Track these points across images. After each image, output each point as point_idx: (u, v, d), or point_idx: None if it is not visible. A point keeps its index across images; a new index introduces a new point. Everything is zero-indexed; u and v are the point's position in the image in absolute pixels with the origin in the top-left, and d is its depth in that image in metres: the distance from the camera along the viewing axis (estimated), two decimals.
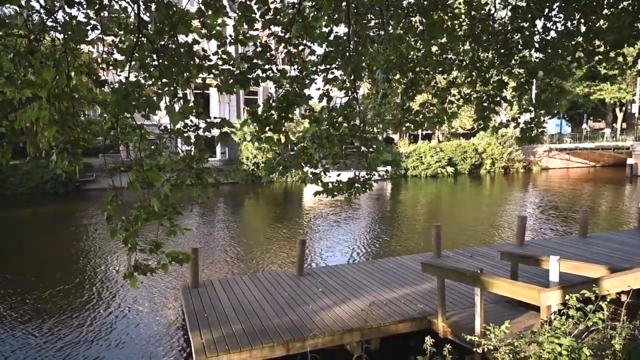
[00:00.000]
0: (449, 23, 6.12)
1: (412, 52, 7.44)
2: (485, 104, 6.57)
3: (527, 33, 6.48)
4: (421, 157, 40.28)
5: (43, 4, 4.88)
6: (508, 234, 16.02)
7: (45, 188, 30.25)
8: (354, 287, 8.53)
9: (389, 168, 36.69)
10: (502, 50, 6.63)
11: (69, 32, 5.02)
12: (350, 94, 6.43)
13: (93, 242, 16.39)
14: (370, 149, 6.57)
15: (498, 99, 6.69)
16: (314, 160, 6.34)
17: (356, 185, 6.33)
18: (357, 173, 6.36)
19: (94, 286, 11.04)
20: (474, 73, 6.87)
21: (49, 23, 4.99)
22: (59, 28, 5.05)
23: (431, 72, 7.24)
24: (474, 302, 6.26)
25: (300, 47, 6.15)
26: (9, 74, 4.80)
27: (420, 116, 7.08)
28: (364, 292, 8.24)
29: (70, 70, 5.41)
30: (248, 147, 34.78)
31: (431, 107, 7.29)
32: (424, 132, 45.42)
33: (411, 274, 9.27)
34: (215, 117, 4.29)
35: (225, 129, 4.31)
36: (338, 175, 6.26)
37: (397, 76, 7.61)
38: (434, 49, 6.74)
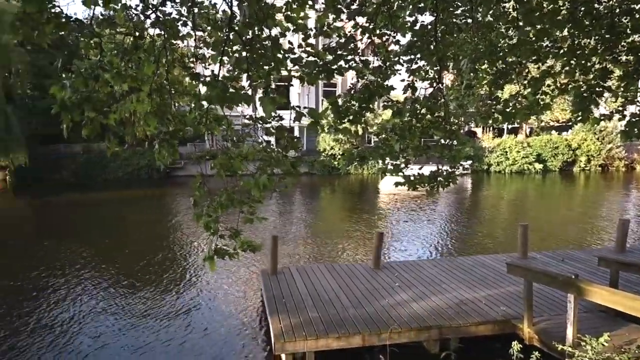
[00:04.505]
0: (548, 8, 5.67)
1: (502, 40, 7.03)
2: (585, 95, 6.02)
3: (638, 16, 5.84)
4: (506, 152, 38.12)
5: (141, 3, 5.21)
6: (605, 239, 14.68)
7: (140, 174, 32.96)
8: (432, 284, 8.32)
9: (469, 162, 35.19)
10: (608, 36, 6.02)
11: (168, 29, 5.35)
12: (435, 84, 6.23)
13: (180, 225, 17.57)
14: (455, 142, 6.32)
15: (600, 89, 6.10)
16: (395, 151, 6.24)
17: (439, 178, 6.15)
18: (439, 166, 6.18)
19: (179, 266, 11.83)
20: (572, 61, 6.32)
21: (148, 21, 5.33)
22: (159, 25, 5.36)
23: (524, 61, 6.79)
24: (564, 309, 5.83)
25: (385, 37, 6.06)
26: (117, 70, 5.20)
27: (510, 108, 6.68)
28: (443, 290, 8.01)
29: (169, 65, 5.78)
30: (325, 139, 35.16)
31: (521, 99, 6.86)
32: (510, 126, 42.86)
33: (493, 274, 8.85)
34: (305, 107, 4.37)
35: (313, 119, 4.36)
36: (420, 168, 6.11)
37: (485, 66, 7.24)
38: (528, 36, 6.30)
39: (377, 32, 6.03)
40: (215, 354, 7.03)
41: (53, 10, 4.38)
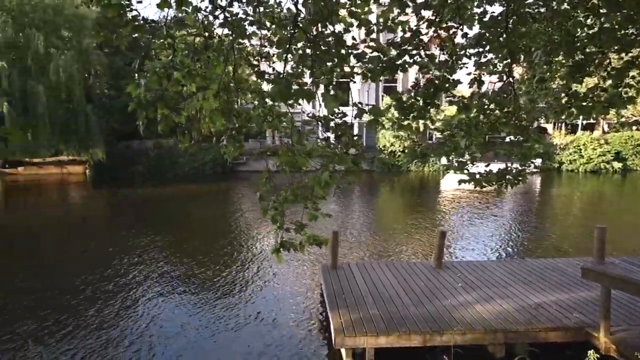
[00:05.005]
0: None
1: (580, 30, 6.57)
2: None
3: None
4: (580, 149, 35.66)
5: (210, 4, 5.40)
6: None
7: (205, 169, 34.39)
8: (497, 286, 8.00)
9: (539, 160, 33.35)
10: None
11: (235, 28, 5.51)
12: (505, 78, 5.96)
13: (243, 219, 18.14)
14: (526, 138, 6.02)
15: None
16: (460, 148, 6.05)
17: (507, 177, 5.88)
18: (508, 164, 5.91)
19: (243, 258, 12.20)
20: None
21: (216, 21, 5.53)
22: (227, 25, 5.54)
23: (605, 51, 6.30)
24: None
25: (451, 31, 5.88)
26: (188, 69, 5.43)
27: (588, 102, 6.24)
28: (509, 292, 7.67)
29: (236, 64, 5.97)
30: (385, 135, 34.77)
31: (600, 92, 6.38)
32: (585, 122, 40.05)
33: (565, 279, 8.34)
34: (367, 105, 4.35)
35: (375, 116, 4.33)
36: (487, 165, 5.88)
37: (560, 57, 6.81)
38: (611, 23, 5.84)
39: (444, 25, 5.86)
40: (277, 344, 7.20)
41: (130, 14, 4.66)
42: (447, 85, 5.76)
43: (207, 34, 5.51)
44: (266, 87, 5.88)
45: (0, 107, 24.57)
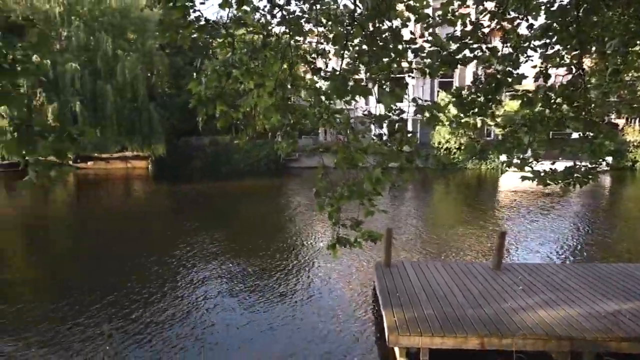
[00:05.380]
0: None
1: None
2: None
3: None
4: None
5: (268, 3, 5.48)
6: None
7: (259, 165, 35.13)
8: (562, 290, 7.58)
9: (610, 158, 31.20)
10: None
11: (292, 26, 5.56)
12: (574, 70, 5.61)
13: (297, 214, 18.37)
14: (595, 135, 5.66)
15: None
16: (523, 145, 5.79)
17: (575, 175, 5.55)
18: (576, 162, 5.57)
19: (296, 253, 12.36)
20: None
21: (274, 20, 5.60)
22: (284, 23, 5.60)
23: None
24: None
25: (516, 22, 5.61)
26: (246, 67, 5.54)
27: None
28: (575, 298, 7.24)
29: (292, 61, 6.03)
30: (440, 132, 33.91)
31: None
32: None
33: (639, 286, 7.77)
34: (427, 101, 4.25)
35: (434, 112, 4.22)
36: (552, 163, 5.58)
37: (637, 47, 6.32)
38: None
39: (507, 16, 5.61)
40: (329, 339, 7.24)
41: (194, 15, 4.81)
42: (510, 79, 5.51)
43: (265, 32, 5.60)
44: (322, 84, 5.90)
45: (73, 106, 26.35)
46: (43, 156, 2.74)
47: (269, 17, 5.56)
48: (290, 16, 5.53)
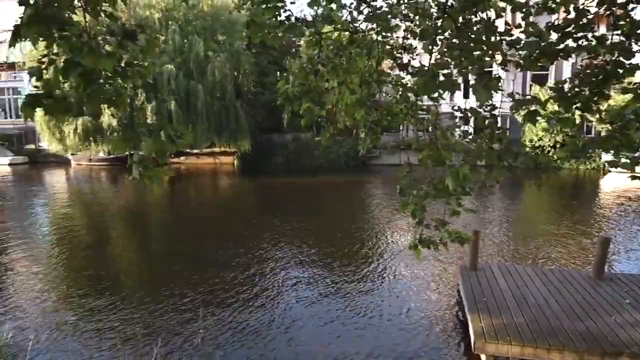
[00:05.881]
0: None
1: None
2: None
3: None
4: None
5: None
6: None
7: (339, 161, 35.34)
8: None
9: None
10: None
11: (380, 22, 5.49)
12: None
13: (376, 211, 18.24)
14: None
15: None
16: (634, 142, 5.21)
17: None
18: None
19: (376, 252, 12.26)
20: None
21: (360, 16, 5.56)
22: (372, 19, 5.54)
23: None
24: None
25: (630, 6, 5.05)
26: (333, 64, 5.57)
27: None
28: None
29: (379, 57, 5.96)
30: (532, 128, 31.73)
31: None
32: None
33: None
34: (525, 95, 3.99)
35: (534, 108, 3.95)
36: None
37: None
38: None
39: (619, 0, 5.08)
40: (410, 342, 7.09)
41: (284, 14, 4.92)
42: (621, 71, 4.99)
43: (352, 28, 5.59)
44: (408, 80, 5.76)
45: (168, 105, 28.39)
46: (146, 155, 2.93)
47: (355, 13, 5.54)
48: (377, 12, 5.46)
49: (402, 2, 5.63)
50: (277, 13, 4.73)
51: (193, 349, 6.86)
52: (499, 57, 4.99)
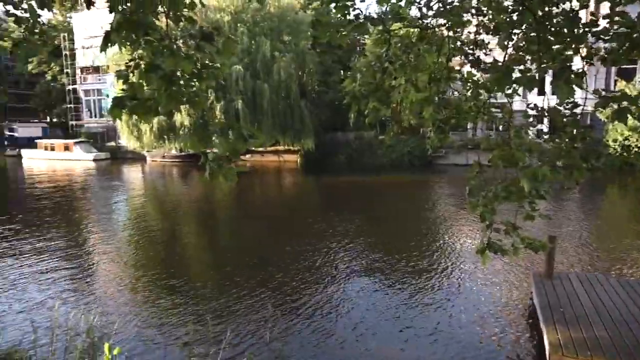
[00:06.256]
0: None
1: None
2: None
3: None
4: None
5: None
6: None
7: (403, 160, 34.71)
8: None
9: None
10: None
11: (451, 17, 5.30)
12: None
13: (441, 212, 17.73)
14: None
15: None
16: None
17: None
18: None
19: (441, 254, 11.89)
20: None
21: (430, 12, 5.40)
22: (443, 15, 5.37)
23: None
24: None
25: None
26: (401, 62, 5.46)
27: None
28: None
29: (449, 53, 5.77)
30: (618, 127, 29.30)
31: None
32: None
33: None
34: (612, 91, 3.67)
35: (623, 105, 3.64)
36: None
37: None
38: None
39: None
40: (481, 352, 6.80)
41: (353, 13, 4.88)
42: None
43: (421, 25, 5.45)
44: (480, 76, 5.53)
45: (236, 104, 29.39)
46: (220, 154, 3.02)
47: (424, 9, 5.40)
48: (448, 7, 5.29)
49: None
50: (345, 12, 4.72)
51: (263, 343, 7.02)
52: (582, 51, 4.65)
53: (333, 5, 4.61)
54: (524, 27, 4.79)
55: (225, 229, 16.71)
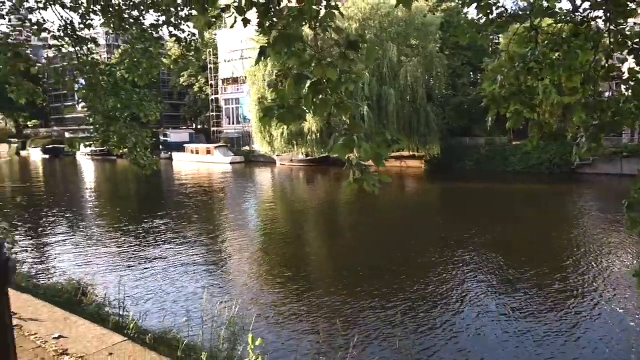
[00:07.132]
0: None
1: None
2: None
3: None
4: None
5: None
6: None
7: (540, 168, 31.64)
8: None
9: None
10: None
11: (614, 7, 4.73)
12: None
13: (586, 228, 15.79)
14: None
15: None
16: None
17: None
18: None
19: (583, 275, 10.56)
20: None
21: (585, 4, 4.87)
22: (599, 5, 4.83)
23: None
24: None
25: None
26: (549, 61, 5.01)
27: None
28: None
29: (608, 49, 5.14)
30: None
31: None
32: None
33: None
34: None
35: None
36: None
37: None
38: None
39: None
40: None
41: (496, 11, 4.61)
42: None
43: (575, 19, 4.94)
44: None
45: (361, 109, 29.80)
46: (363, 159, 3.06)
47: (578, 1, 4.87)
48: None
49: None
50: (488, 11, 4.48)
51: (391, 351, 6.97)
52: None
53: (474, 5, 4.40)
54: None
55: (349, 233, 17.02)
